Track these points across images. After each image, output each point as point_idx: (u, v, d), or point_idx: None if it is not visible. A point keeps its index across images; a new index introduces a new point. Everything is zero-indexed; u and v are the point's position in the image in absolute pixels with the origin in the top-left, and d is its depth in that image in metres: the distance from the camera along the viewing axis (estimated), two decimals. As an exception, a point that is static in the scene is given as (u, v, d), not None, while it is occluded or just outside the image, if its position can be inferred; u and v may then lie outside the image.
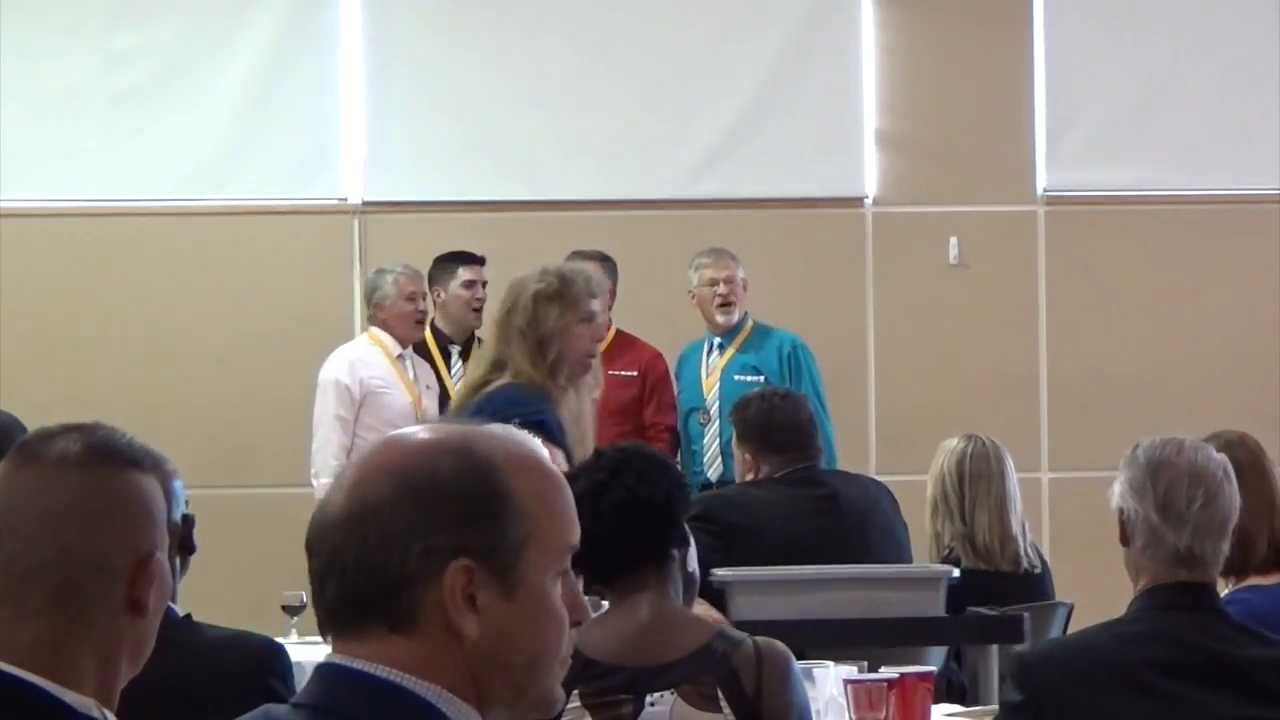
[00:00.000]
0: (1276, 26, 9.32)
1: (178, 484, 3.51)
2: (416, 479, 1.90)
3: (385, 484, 1.90)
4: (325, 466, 8.01)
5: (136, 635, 2.23)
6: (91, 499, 2.21)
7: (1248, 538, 3.98)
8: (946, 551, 5.89)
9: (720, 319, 8.11)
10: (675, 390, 8.27)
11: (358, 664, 1.91)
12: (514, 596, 1.90)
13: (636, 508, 3.65)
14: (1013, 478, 5.96)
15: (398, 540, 1.88)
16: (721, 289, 8.09)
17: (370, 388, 8.07)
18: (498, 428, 1.97)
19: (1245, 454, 4.30)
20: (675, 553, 3.72)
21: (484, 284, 8.35)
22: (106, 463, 2.23)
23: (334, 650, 1.95)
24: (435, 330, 8.37)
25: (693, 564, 3.76)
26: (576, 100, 9.19)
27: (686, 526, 3.76)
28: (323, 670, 1.95)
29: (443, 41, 9.20)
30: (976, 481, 5.87)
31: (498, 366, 5.48)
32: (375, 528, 1.89)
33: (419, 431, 1.97)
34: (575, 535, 1.97)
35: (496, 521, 1.90)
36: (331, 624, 1.93)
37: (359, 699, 1.90)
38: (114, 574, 2.20)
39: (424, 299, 8.21)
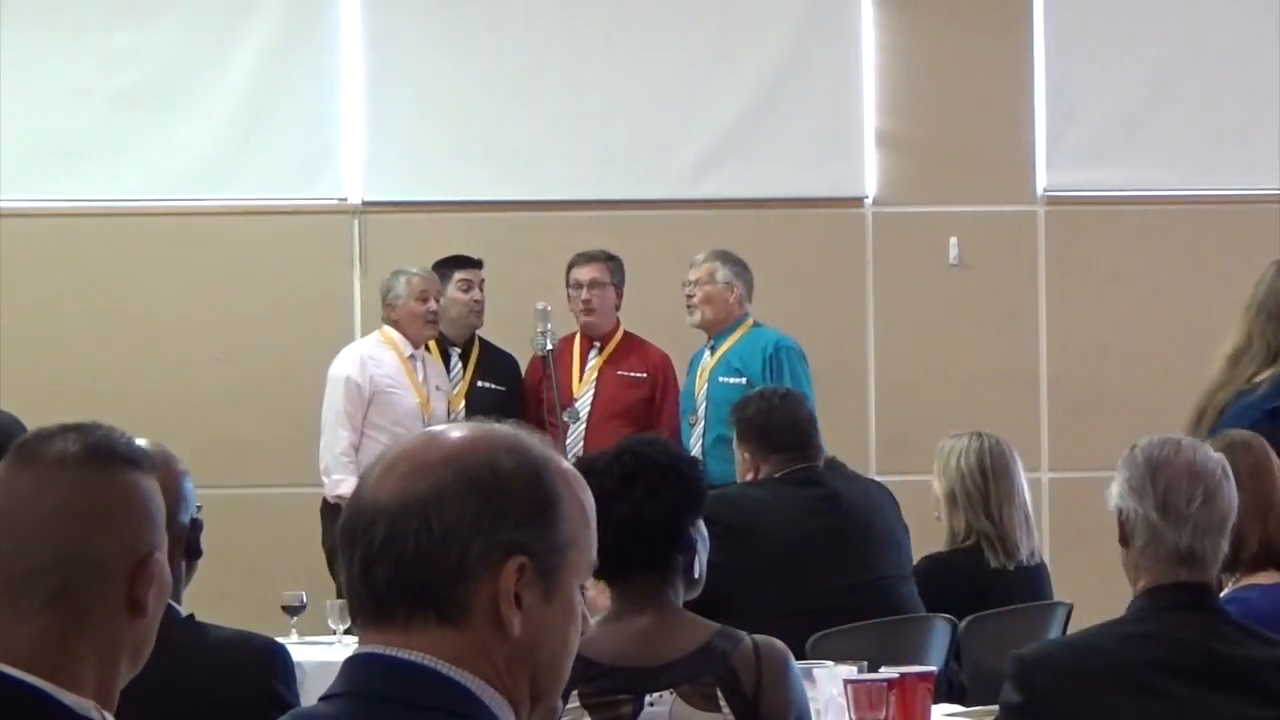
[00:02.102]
0: (1276, 26, 9.32)
1: (188, 485, 3.52)
2: (479, 472, 1.92)
3: (447, 474, 1.91)
4: (335, 463, 8.00)
5: (136, 635, 2.23)
6: (90, 499, 2.21)
7: (1238, 536, 3.98)
8: (961, 543, 5.90)
9: (688, 319, 8.13)
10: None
11: (391, 650, 1.92)
12: (553, 599, 1.93)
13: (639, 525, 3.64)
14: (1022, 473, 6.01)
15: (462, 531, 1.90)
16: (688, 290, 8.10)
17: (380, 386, 8.07)
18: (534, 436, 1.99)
19: (1248, 456, 4.31)
20: (680, 559, 3.71)
21: (480, 286, 8.34)
22: (105, 463, 2.23)
23: (365, 640, 1.95)
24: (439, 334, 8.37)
25: (699, 568, 3.75)
26: (576, 101, 9.19)
27: (695, 532, 3.74)
28: (356, 660, 1.95)
29: (443, 42, 9.20)
30: (1000, 478, 5.90)
31: (1272, 356, 5.29)
32: (439, 517, 1.90)
33: (466, 428, 1.98)
34: (596, 550, 2.01)
35: (550, 524, 1.93)
36: (376, 610, 1.93)
37: (395, 683, 1.90)
38: (113, 574, 2.20)
39: (436, 300, 8.21)
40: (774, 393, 6.14)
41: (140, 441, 3.24)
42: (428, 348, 8.29)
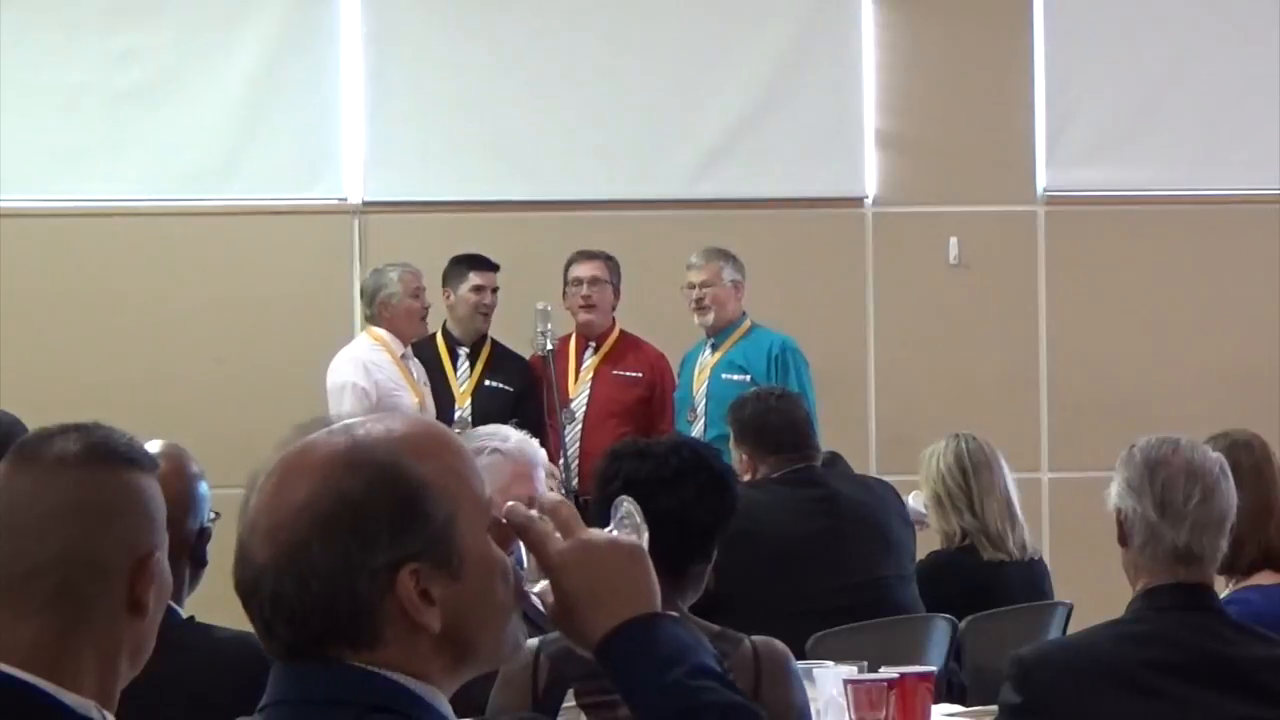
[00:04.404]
0: (1276, 26, 9.32)
1: (202, 488, 3.52)
2: (332, 510, 1.86)
3: (303, 525, 1.86)
4: None
5: (136, 635, 2.23)
6: (90, 499, 2.21)
7: (1238, 539, 3.99)
8: (956, 543, 5.94)
9: (697, 320, 8.12)
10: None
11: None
12: (461, 575, 1.89)
13: (680, 522, 3.63)
14: (1005, 467, 6.05)
15: (339, 575, 1.85)
16: (696, 293, 8.09)
17: (385, 390, 7.97)
18: (376, 416, 1.94)
19: (1249, 456, 4.31)
20: (696, 567, 3.71)
21: (494, 290, 8.30)
22: (105, 463, 2.23)
23: None
24: (445, 332, 8.34)
25: (705, 577, 3.75)
26: (577, 100, 9.20)
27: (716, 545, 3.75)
28: (280, 669, 1.93)
29: (443, 41, 9.21)
30: (979, 473, 5.95)
31: None
32: (310, 570, 1.85)
33: (306, 452, 1.91)
34: (486, 486, 1.95)
35: (422, 519, 1.88)
36: (288, 657, 1.90)
37: (313, 684, 1.88)
38: (113, 574, 2.20)
39: (425, 294, 8.20)
40: (770, 393, 6.15)
41: (155, 443, 3.26)
42: (425, 348, 8.25)
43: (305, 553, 1.85)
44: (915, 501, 6.29)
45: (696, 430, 7.94)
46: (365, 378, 7.99)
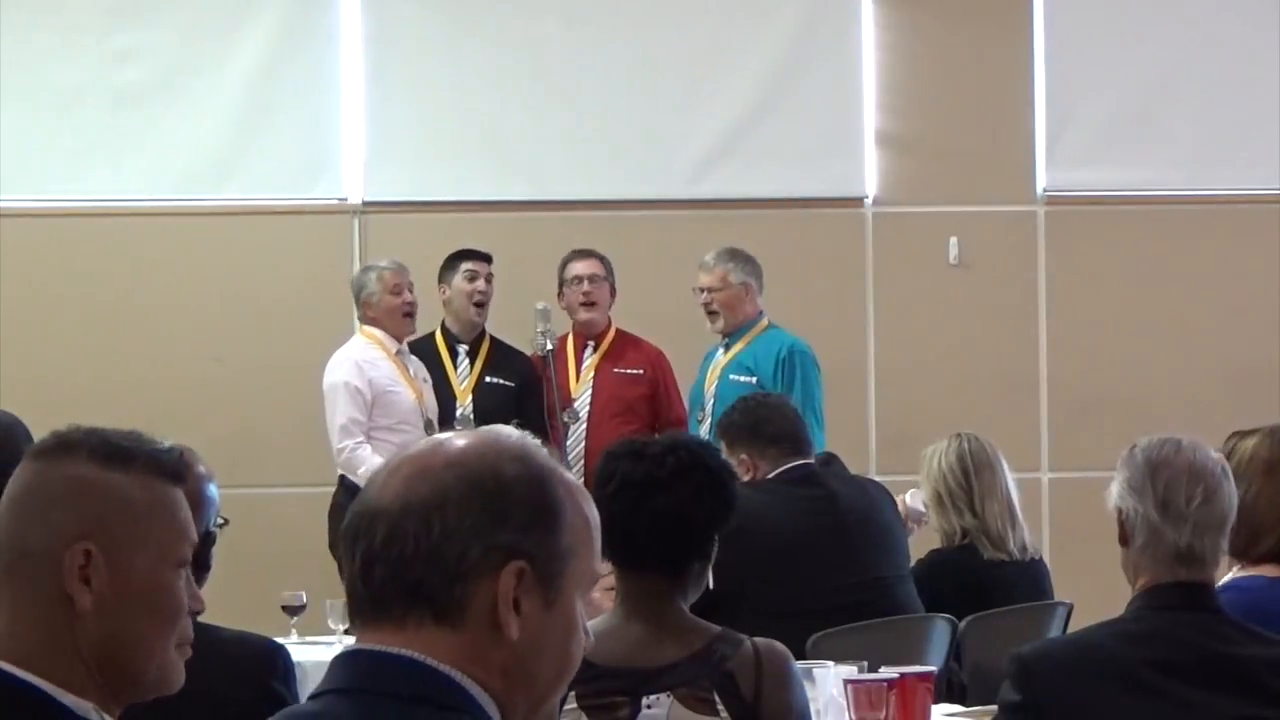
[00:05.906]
0: (1276, 26, 9.32)
1: (211, 489, 3.52)
2: (483, 477, 1.93)
3: (451, 478, 1.93)
4: (369, 468, 7.79)
5: (101, 634, 2.20)
6: (30, 487, 2.24)
7: (1258, 527, 3.98)
8: (957, 542, 5.95)
9: (709, 324, 8.11)
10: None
11: (379, 647, 1.92)
12: (553, 608, 1.94)
13: (676, 521, 3.64)
14: (1006, 467, 6.07)
15: (462, 533, 1.90)
16: (703, 298, 8.08)
17: (380, 388, 7.97)
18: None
19: None
20: (695, 565, 3.71)
21: (488, 279, 8.29)
22: (62, 455, 2.24)
23: (361, 639, 1.95)
24: (445, 330, 8.34)
25: (707, 574, 3.76)
26: (576, 100, 9.19)
27: (715, 543, 3.75)
28: (344, 657, 1.95)
29: (442, 42, 9.21)
30: (981, 473, 5.98)
31: None
32: (440, 518, 1.91)
33: (473, 434, 1.99)
34: (599, 566, 2.03)
35: (551, 532, 1.94)
36: (372, 609, 1.93)
37: (383, 677, 1.90)
38: (39, 563, 2.20)
39: (410, 290, 8.17)
40: (756, 394, 6.19)
41: (163, 445, 3.24)
42: (426, 348, 8.25)
43: (440, 500, 1.91)
44: (914, 500, 6.30)
45: (703, 430, 7.94)
46: (358, 376, 7.98)
